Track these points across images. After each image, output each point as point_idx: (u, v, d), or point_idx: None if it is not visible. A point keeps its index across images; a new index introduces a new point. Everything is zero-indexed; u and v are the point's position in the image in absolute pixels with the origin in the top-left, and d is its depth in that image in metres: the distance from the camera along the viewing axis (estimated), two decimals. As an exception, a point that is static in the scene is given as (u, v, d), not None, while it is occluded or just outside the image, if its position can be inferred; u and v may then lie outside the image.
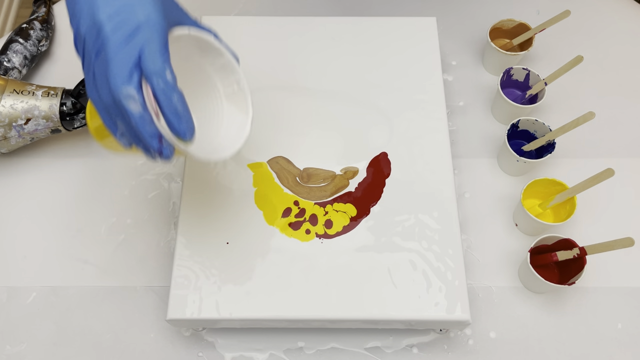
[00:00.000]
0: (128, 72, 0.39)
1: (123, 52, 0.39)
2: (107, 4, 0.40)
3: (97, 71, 0.40)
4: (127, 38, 0.39)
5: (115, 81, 0.38)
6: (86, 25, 0.40)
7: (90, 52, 0.40)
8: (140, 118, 0.39)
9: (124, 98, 0.39)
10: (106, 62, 0.39)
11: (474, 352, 0.60)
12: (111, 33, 0.39)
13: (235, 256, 0.56)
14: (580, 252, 0.57)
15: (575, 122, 0.61)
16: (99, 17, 0.39)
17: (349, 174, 0.61)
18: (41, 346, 0.61)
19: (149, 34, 0.39)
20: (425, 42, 0.69)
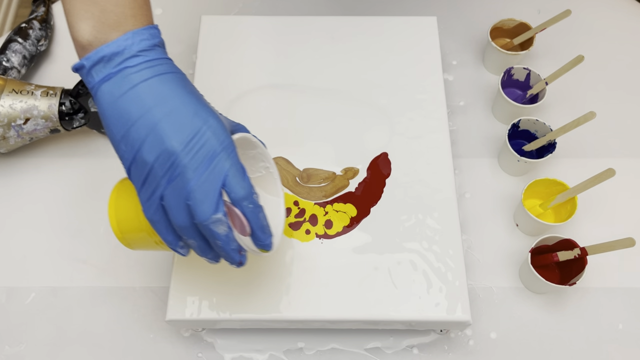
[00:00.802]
0: (216, 200, 0.40)
1: (209, 182, 0.39)
2: (177, 132, 0.40)
3: (170, 197, 0.40)
4: (209, 167, 0.40)
5: (205, 209, 0.39)
6: (154, 154, 0.39)
7: (159, 178, 0.40)
8: (226, 238, 0.41)
9: (213, 223, 0.40)
10: (188, 190, 0.39)
11: (475, 352, 0.60)
12: (191, 163, 0.39)
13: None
14: (581, 252, 0.57)
15: (576, 122, 0.61)
16: (172, 145, 0.39)
17: (349, 174, 0.61)
18: (40, 346, 0.61)
19: (230, 160, 0.41)
20: (425, 42, 0.68)
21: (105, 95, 0.41)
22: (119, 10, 0.42)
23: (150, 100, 0.40)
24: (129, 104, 0.40)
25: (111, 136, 0.41)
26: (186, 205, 0.40)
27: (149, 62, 0.41)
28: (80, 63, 0.41)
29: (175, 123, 0.40)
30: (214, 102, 0.64)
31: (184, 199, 0.40)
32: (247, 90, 0.65)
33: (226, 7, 0.81)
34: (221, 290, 0.55)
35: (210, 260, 0.44)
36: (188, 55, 0.77)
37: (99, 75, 0.41)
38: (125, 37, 0.41)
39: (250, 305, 0.54)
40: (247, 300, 0.54)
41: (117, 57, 0.40)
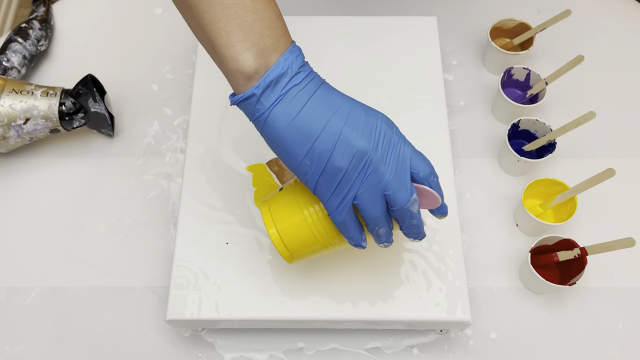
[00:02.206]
0: (410, 184, 0.43)
1: (400, 170, 0.42)
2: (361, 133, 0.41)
3: (367, 193, 0.42)
4: (396, 156, 0.42)
5: (403, 195, 0.42)
6: (347, 158, 0.41)
7: (353, 180, 0.42)
8: (419, 215, 0.45)
9: (411, 204, 0.43)
10: (384, 182, 0.42)
11: (475, 352, 0.60)
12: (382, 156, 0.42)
13: (234, 256, 0.56)
14: (581, 252, 0.57)
15: (576, 122, 0.61)
16: (363, 146, 0.41)
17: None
18: (40, 346, 0.61)
19: (408, 145, 0.44)
20: (425, 42, 0.68)
21: (280, 118, 0.41)
22: (274, 32, 0.42)
23: (326, 111, 0.41)
24: (308, 119, 0.41)
25: (292, 156, 0.42)
26: (382, 197, 0.42)
27: (308, 75, 0.42)
28: (250, 92, 0.41)
29: (356, 125, 0.42)
30: (214, 102, 0.65)
31: (381, 191, 0.42)
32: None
33: (226, 7, 0.81)
34: (221, 290, 0.55)
35: (387, 244, 0.47)
36: (188, 55, 0.77)
37: (269, 101, 0.41)
38: (285, 58, 0.41)
39: (251, 305, 0.54)
40: (247, 300, 0.54)
41: (284, 79, 0.41)
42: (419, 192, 0.44)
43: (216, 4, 0.41)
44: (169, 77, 0.75)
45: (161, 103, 0.74)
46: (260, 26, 0.41)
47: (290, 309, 0.54)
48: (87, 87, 0.66)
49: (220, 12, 0.41)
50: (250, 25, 0.41)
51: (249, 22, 0.41)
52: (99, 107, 0.66)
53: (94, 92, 0.65)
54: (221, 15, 0.41)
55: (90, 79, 0.66)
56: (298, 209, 0.46)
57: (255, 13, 0.41)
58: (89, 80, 0.66)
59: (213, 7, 0.41)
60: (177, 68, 0.76)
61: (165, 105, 0.73)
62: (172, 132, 0.72)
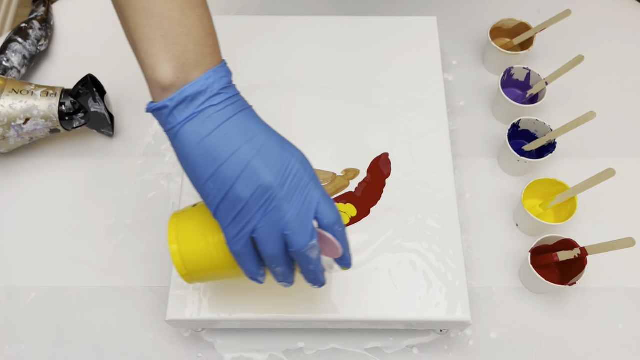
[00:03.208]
0: (311, 228, 0.42)
1: (304, 212, 0.41)
2: (270, 167, 0.40)
3: (265, 229, 0.41)
4: (302, 197, 0.41)
5: (302, 238, 0.41)
6: (250, 190, 0.40)
7: (253, 213, 0.41)
8: (317, 261, 0.43)
9: (309, 250, 0.42)
10: (285, 221, 0.41)
11: (475, 352, 0.60)
12: (286, 194, 0.41)
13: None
14: (581, 252, 0.57)
15: (576, 122, 0.61)
16: (268, 180, 0.40)
17: (350, 174, 0.61)
18: (40, 346, 0.61)
19: (319, 189, 0.43)
20: (425, 42, 0.68)
21: (190, 135, 0.40)
22: (199, 49, 0.41)
23: (239, 138, 0.40)
24: (218, 142, 0.40)
25: (196, 175, 0.41)
26: (281, 236, 0.41)
27: (230, 99, 0.41)
28: (163, 104, 0.40)
29: (267, 158, 0.40)
30: (214, 102, 0.65)
31: (280, 229, 0.41)
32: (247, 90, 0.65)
33: (226, 7, 0.81)
34: (221, 290, 0.55)
35: (287, 284, 0.46)
36: (188, 55, 0.77)
37: (182, 115, 0.40)
38: (207, 76, 0.40)
39: (250, 305, 0.54)
40: (247, 300, 0.54)
41: (201, 97, 0.40)
42: (321, 239, 0.43)
43: (143, 10, 0.40)
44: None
45: (161, 103, 0.73)
46: (185, 40, 0.40)
47: (290, 309, 0.54)
48: (87, 87, 0.66)
49: (145, 19, 0.40)
50: (174, 37, 0.40)
51: (174, 34, 0.40)
52: (99, 107, 0.66)
53: (94, 92, 0.65)
54: (146, 22, 0.40)
55: (90, 79, 0.66)
56: (204, 232, 0.45)
57: (182, 26, 0.40)
58: (88, 80, 0.66)
59: (139, 12, 0.40)
60: (177, 68, 0.76)
61: (165, 105, 0.73)
62: (172, 132, 0.71)
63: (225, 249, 0.44)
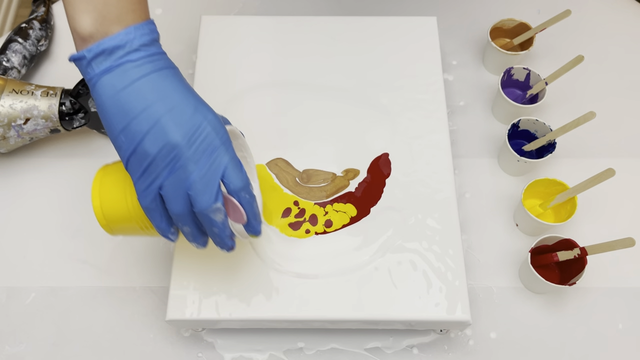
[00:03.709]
0: (216, 191, 0.42)
1: (210, 174, 0.42)
2: (179, 126, 0.41)
3: (171, 187, 0.42)
4: (210, 160, 0.42)
5: (206, 199, 0.42)
6: (157, 146, 0.41)
7: (160, 169, 0.42)
8: (222, 225, 0.44)
9: (213, 212, 0.43)
10: (190, 181, 0.41)
11: (475, 352, 0.60)
12: (193, 154, 0.41)
13: (235, 256, 0.56)
14: (581, 252, 0.57)
15: (576, 122, 0.61)
16: (175, 139, 0.41)
17: (350, 174, 0.61)
18: (40, 346, 0.61)
19: (229, 153, 0.43)
20: (425, 42, 0.68)
21: (106, 88, 0.41)
22: (121, 4, 0.42)
23: (153, 95, 0.41)
24: (132, 97, 0.41)
25: (110, 127, 0.42)
26: (186, 195, 0.42)
27: (150, 56, 0.42)
28: (81, 54, 0.42)
29: (178, 118, 0.41)
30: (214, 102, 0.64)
31: (185, 189, 0.42)
32: (247, 90, 0.65)
33: (226, 7, 0.81)
34: (221, 290, 0.55)
35: (198, 246, 0.47)
36: (188, 55, 0.77)
37: (100, 68, 0.41)
38: (127, 32, 0.42)
39: (251, 305, 0.54)
40: (247, 300, 0.54)
41: (119, 51, 0.41)
42: (228, 204, 0.44)
43: None
44: (169, 77, 0.75)
45: (161, 103, 0.74)
46: None
47: (290, 309, 0.54)
48: (87, 87, 0.66)
49: None
50: None
51: None
52: (99, 107, 0.66)
53: (94, 92, 0.65)
54: None
55: (91, 79, 0.66)
56: (123, 186, 0.46)
57: None
58: (89, 80, 0.66)
59: None
60: (177, 68, 0.76)
61: (165, 105, 0.73)
62: (172, 132, 0.72)
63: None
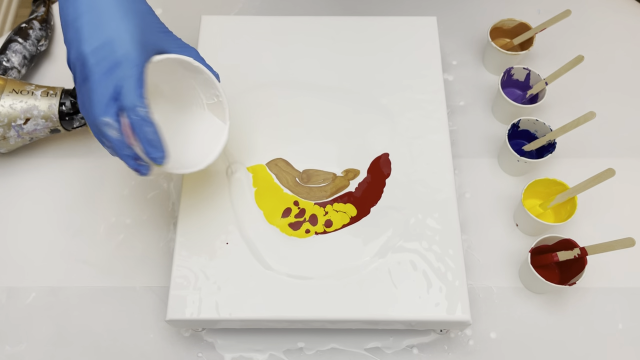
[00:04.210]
0: (107, 103, 0.44)
1: (103, 86, 0.44)
2: (90, 38, 0.44)
3: (84, 96, 0.45)
4: (108, 73, 0.44)
5: (96, 111, 0.44)
6: (74, 55, 0.45)
7: (78, 77, 0.45)
8: (117, 142, 0.45)
9: (103, 125, 0.44)
10: (89, 91, 0.44)
11: (475, 352, 0.60)
12: (94, 66, 0.44)
13: (234, 256, 0.56)
14: (581, 252, 0.57)
15: (576, 122, 0.61)
16: (84, 50, 0.44)
17: (350, 174, 0.61)
18: (40, 346, 0.61)
19: (127, 71, 0.44)
20: (425, 42, 0.68)
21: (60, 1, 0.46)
22: None
23: (84, 7, 0.44)
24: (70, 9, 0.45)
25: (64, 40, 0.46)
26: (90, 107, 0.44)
27: None
28: None
29: (93, 29, 0.44)
30: (214, 102, 0.65)
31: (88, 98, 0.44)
32: (247, 90, 0.65)
33: (226, 7, 0.81)
34: (221, 290, 0.55)
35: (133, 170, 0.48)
36: (188, 55, 0.77)
37: None
38: None
39: (251, 304, 0.54)
40: (247, 300, 0.54)
41: None
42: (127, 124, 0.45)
43: None
44: (169, 77, 0.75)
45: (161, 103, 0.74)
46: None
47: (290, 309, 0.54)
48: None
49: None
50: None
51: None
52: (99, 107, 0.66)
53: (94, 92, 0.65)
54: None
55: (91, 79, 0.66)
56: None
57: None
58: (89, 80, 0.66)
59: None
60: (177, 68, 0.76)
61: (166, 105, 0.73)
62: (172, 132, 0.72)
63: None
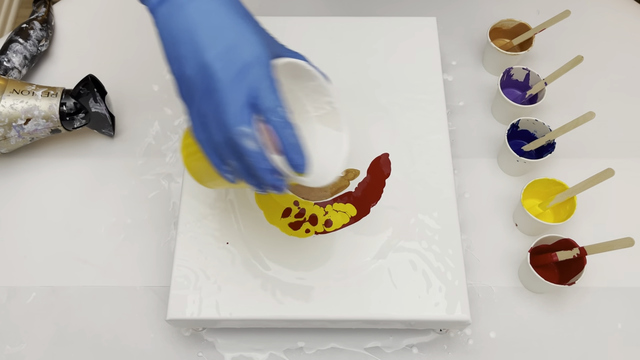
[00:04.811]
0: (241, 111, 0.39)
1: (236, 92, 0.39)
2: (212, 44, 0.40)
3: (207, 112, 0.40)
4: (239, 78, 0.40)
5: (231, 121, 0.39)
6: (193, 68, 0.40)
7: (197, 94, 0.41)
8: (256, 155, 0.40)
9: (240, 136, 0.39)
10: (218, 102, 0.39)
11: (474, 352, 0.60)
12: (222, 73, 0.40)
13: (235, 256, 0.56)
14: (580, 252, 0.57)
15: (575, 122, 0.61)
16: (207, 58, 0.40)
17: (350, 174, 0.61)
18: (41, 346, 0.61)
19: (261, 72, 0.40)
20: (425, 42, 0.69)
21: (161, 17, 0.42)
22: None
23: (197, 17, 0.41)
24: (179, 23, 0.41)
25: (166, 58, 0.42)
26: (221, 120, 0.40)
27: None
28: None
29: (213, 35, 0.40)
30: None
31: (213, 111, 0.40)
32: (247, 91, 0.65)
33: (226, 7, 0.81)
34: (221, 290, 0.55)
35: (255, 189, 0.43)
36: (188, 56, 0.77)
37: None
38: None
39: (251, 304, 0.54)
40: (247, 300, 0.54)
41: None
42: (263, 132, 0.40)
43: None
44: (169, 77, 0.76)
45: (162, 103, 0.74)
46: None
47: (290, 309, 0.54)
48: (87, 88, 0.66)
49: None
50: None
51: None
52: (100, 107, 0.66)
53: (94, 92, 0.66)
54: None
55: (91, 79, 0.66)
56: None
57: None
58: (89, 80, 0.66)
59: None
60: (177, 68, 0.76)
61: (166, 105, 0.74)
62: (172, 132, 0.72)
63: None
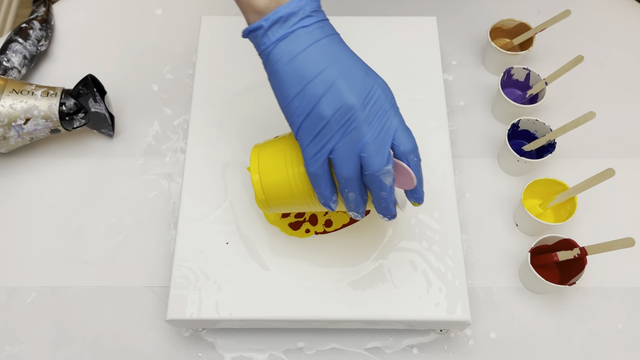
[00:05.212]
0: (388, 152, 0.43)
1: (382, 136, 0.43)
2: (353, 88, 0.42)
3: (343, 149, 0.42)
4: (382, 122, 0.43)
5: (378, 161, 0.42)
6: (333, 109, 0.42)
7: (334, 132, 0.42)
8: (390, 189, 0.44)
9: (383, 174, 0.43)
10: (363, 143, 0.42)
11: (475, 352, 0.60)
12: (367, 117, 0.42)
13: (235, 256, 0.56)
14: (580, 252, 0.57)
15: (575, 122, 0.61)
16: (351, 101, 0.42)
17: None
18: (41, 346, 0.61)
19: (398, 116, 0.44)
20: (425, 42, 0.68)
21: (282, 54, 0.43)
22: None
23: (326, 59, 0.42)
24: (307, 62, 0.42)
25: (284, 94, 0.43)
26: (358, 158, 0.43)
27: (320, 22, 0.43)
28: (258, 24, 0.43)
29: (352, 81, 0.42)
30: (214, 102, 0.65)
31: (358, 151, 0.42)
32: (247, 90, 0.65)
33: (226, 7, 0.81)
34: (221, 290, 0.55)
35: (357, 215, 0.47)
36: (188, 55, 0.77)
37: (276, 35, 0.43)
38: None
39: (251, 304, 0.54)
40: (247, 300, 0.54)
41: (293, 18, 0.42)
42: (396, 168, 0.44)
43: None
44: (169, 77, 0.75)
45: (161, 103, 0.74)
46: None
47: (290, 309, 0.54)
48: (87, 87, 0.66)
49: None
50: None
51: None
52: (100, 107, 0.66)
53: (94, 92, 0.66)
54: None
55: (91, 79, 0.66)
56: (284, 163, 0.47)
57: None
58: (89, 80, 0.66)
59: None
60: (177, 68, 0.76)
61: (166, 105, 0.74)
62: (172, 132, 0.72)
63: (304, 179, 0.46)
